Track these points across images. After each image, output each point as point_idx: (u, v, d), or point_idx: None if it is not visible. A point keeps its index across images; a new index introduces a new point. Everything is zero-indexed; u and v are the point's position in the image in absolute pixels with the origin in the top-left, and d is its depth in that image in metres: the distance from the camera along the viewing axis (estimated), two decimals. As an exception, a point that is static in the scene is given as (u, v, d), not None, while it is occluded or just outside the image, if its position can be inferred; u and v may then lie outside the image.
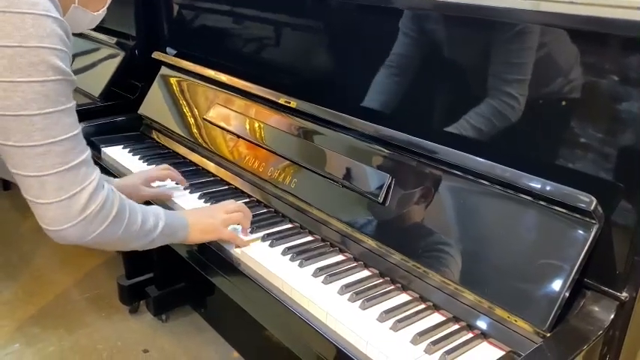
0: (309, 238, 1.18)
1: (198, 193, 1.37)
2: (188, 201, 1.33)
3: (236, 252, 1.13)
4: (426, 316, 0.94)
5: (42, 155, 0.87)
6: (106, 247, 1.02)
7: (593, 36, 0.86)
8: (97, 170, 0.96)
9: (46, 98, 0.85)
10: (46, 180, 0.88)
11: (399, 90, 1.17)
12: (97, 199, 0.93)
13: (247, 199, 1.35)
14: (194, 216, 1.15)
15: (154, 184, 1.37)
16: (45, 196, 0.89)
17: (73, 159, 0.90)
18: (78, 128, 0.92)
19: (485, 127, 1.02)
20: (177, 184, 1.40)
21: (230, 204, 1.19)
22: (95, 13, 1.07)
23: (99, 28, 1.53)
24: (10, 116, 0.84)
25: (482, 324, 0.90)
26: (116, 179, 1.36)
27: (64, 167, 0.89)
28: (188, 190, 1.38)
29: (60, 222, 0.91)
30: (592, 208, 0.82)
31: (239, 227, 1.17)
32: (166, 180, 1.39)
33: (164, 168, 1.40)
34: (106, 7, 1.10)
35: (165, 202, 1.34)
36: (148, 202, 1.23)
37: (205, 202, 1.33)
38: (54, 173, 0.88)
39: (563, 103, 0.91)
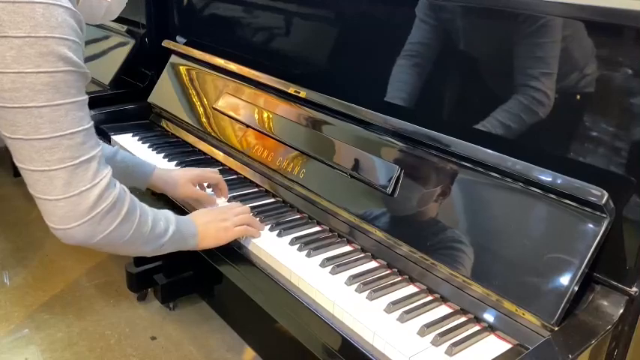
0: (317, 228, 1.18)
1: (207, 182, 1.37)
2: (197, 190, 1.33)
3: (244, 241, 1.13)
4: (433, 308, 0.94)
5: (50, 149, 0.84)
6: (114, 250, 0.97)
7: (610, 28, 0.85)
8: (109, 168, 0.92)
9: (55, 90, 0.82)
10: (54, 175, 0.85)
11: (413, 81, 1.16)
12: (108, 197, 0.89)
13: (256, 189, 1.36)
14: (204, 219, 1.11)
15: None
16: (52, 192, 0.85)
17: (82, 154, 0.86)
18: (89, 123, 0.89)
19: (499, 120, 1.01)
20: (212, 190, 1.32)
21: (236, 206, 1.18)
22: (109, 0, 1.03)
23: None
24: (18, 108, 0.81)
25: (489, 317, 0.90)
26: (160, 168, 1.29)
27: (73, 162, 0.85)
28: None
29: (67, 220, 0.87)
30: (603, 202, 0.81)
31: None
32: (208, 185, 1.33)
33: (213, 171, 1.31)
34: None
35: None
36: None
37: (213, 190, 1.33)
38: (62, 168, 0.85)
39: (578, 96, 0.90)
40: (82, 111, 0.87)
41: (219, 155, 1.52)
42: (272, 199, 1.31)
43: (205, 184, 1.33)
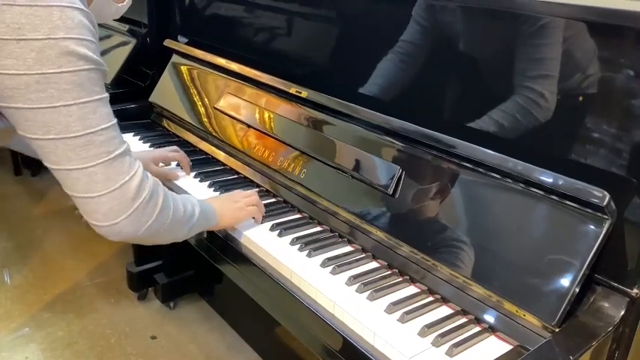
0: (318, 228, 1.18)
1: (208, 182, 1.37)
2: (198, 189, 1.34)
3: (245, 241, 1.13)
4: (434, 309, 0.94)
5: (84, 146, 0.85)
6: (154, 240, 0.99)
7: (611, 29, 0.84)
8: (138, 160, 0.94)
9: (80, 88, 0.84)
10: (92, 171, 0.86)
11: (413, 82, 1.16)
12: (146, 187, 0.91)
13: (257, 189, 1.35)
14: (218, 202, 1.15)
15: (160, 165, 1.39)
16: (94, 188, 0.87)
17: (116, 148, 0.88)
18: (114, 119, 0.90)
19: (498, 120, 1.01)
20: (180, 167, 1.43)
21: (243, 191, 1.21)
22: (120, 5, 1.07)
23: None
24: (47, 109, 0.82)
25: (490, 318, 0.90)
26: None
27: (109, 157, 0.87)
28: (198, 179, 1.39)
29: (114, 214, 0.88)
30: (605, 203, 0.81)
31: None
32: (172, 163, 1.42)
33: (173, 150, 1.42)
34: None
35: (172, 182, 1.37)
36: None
37: (215, 190, 1.33)
38: (100, 163, 0.86)
39: (579, 97, 0.89)
40: (107, 107, 0.90)
41: (220, 155, 1.52)
42: (273, 199, 1.31)
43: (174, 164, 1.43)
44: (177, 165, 1.44)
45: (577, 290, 0.82)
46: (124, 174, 0.89)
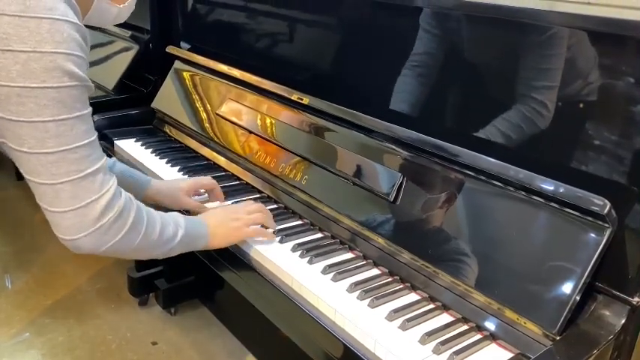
0: (319, 235, 1.18)
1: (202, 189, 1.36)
2: (198, 195, 1.33)
3: (245, 247, 1.13)
4: (434, 316, 0.94)
5: (55, 163, 0.84)
6: (122, 257, 0.99)
7: (612, 38, 0.85)
8: (114, 178, 0.92)
9: (61, 104, 0.83)
10: (60, 188, 0.86)
11: (416, 90, 1.16)
12: (114, 208, 0.90)
13: (258, 195, 1.36)
14: (215, 219, 1.11)
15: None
16: (59, 204, 0.86)
17: (87, 167, 0.87)
18: (93, 135, 0.89)
19: (499, 129, 1.01)
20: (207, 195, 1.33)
21: (250, 204, 1.18)
22: (121, 6, 1.04)
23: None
24: (24, 122, 0.82)
25: (491, 325, 0.90)
26: (155, 181, 1.30)
27: (78, 175, 0.86)
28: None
29: (74, 231, 0.88)
30: (606, 211, 0.81)
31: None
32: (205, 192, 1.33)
33: (210, 179, 1.32)
34: (130, 1, 1.06)
35: None
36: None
37: (208, 195, 1.32)
38: (68, 181, 0.86)
39: (581, 105, 0.90)
40: (87, 124, 0.88)
41: (221, 161, 1.52)
42: (274, 205, 1.31)
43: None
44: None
45: (578, 298, 0.82)
46: (93, 193, 0.88)
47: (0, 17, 0.78)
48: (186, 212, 1.23)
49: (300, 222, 1.24)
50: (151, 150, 1.61)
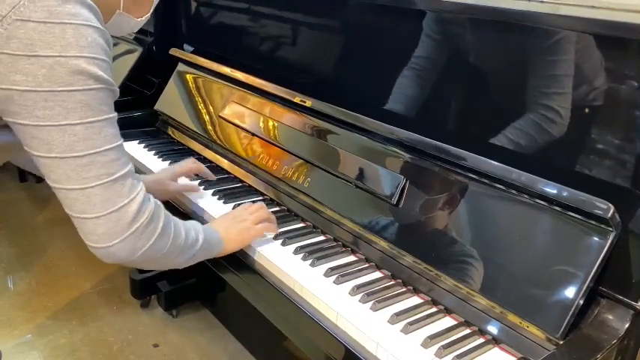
0: (322, 237, 1.18)
1: (212, 190, 1.37)
2: (202, 197, 1.34)
3: (248, 250, 1.13)
4: (437, 320, 0.94)
5: (86, 166, 0.84)
6: (150, 265, 0.98)
7: (618, 41, 0.85)
8: (142, 183, 0.92)
9: (88, 107, 0.83)
10: (91, 192, 0.85)
11: (420, 93, 1.16)
12: (145, 211, 0.90)
13: (260, 197, 1.36)
14: (223, 225, 1.12)
15: (180, 180, 1.36)
16: (92, 210, 0.85)
17: (117, 170, 0.86)
18: (120, 140, 0.89)
19: (504, 132, 1.01)
20: (200, 178, 1.41)
21: (249, 205, 1.18)
22: (139, 19, 1.06)
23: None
24: (52, 126, 0.81)
25: (493, 329, 0.89)
26: (143, 176, 1.32)
27: (109, 179, 0.85)
28: (202, 187, 1.39)
29: (109, 237, 0.86)
30: (609, 215, 0.81)
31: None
32: (192, 176, 1.40)
33: (191, 162, 1.39)
34: (149, 14, 1.08)
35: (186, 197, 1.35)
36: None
37: (219, 199, 1.33)
38: (99, 185, 0.85)
39: (585, 109, 0.89)
40: (114, 128, 0.88)
41: (224, 163, 1.52)
42: (276, 208, 1.31)
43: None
44: (197, 176, 1.42)
45: (581, 302, 0.81)
46: (124, 197, 0.87)
47: (25, 23, 0.78)
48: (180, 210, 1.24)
49: (302, 225, 1.24)
50: (153, 152, 1.62)
